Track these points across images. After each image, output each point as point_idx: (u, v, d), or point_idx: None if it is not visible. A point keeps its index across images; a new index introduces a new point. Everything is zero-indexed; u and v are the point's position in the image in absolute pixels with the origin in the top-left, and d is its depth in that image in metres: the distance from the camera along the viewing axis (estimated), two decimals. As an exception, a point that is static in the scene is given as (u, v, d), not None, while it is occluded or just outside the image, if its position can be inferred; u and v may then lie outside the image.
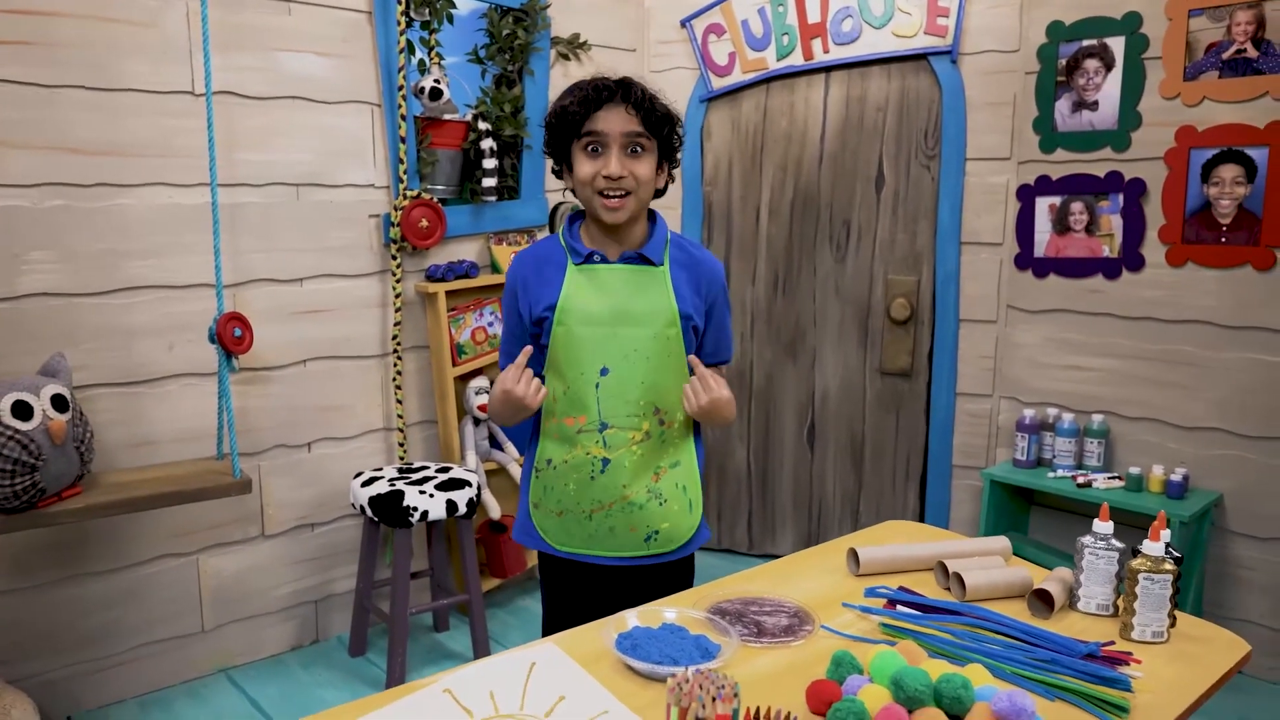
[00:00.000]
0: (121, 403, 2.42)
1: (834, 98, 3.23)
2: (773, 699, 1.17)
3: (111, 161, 2.34)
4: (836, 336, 3.35)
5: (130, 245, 2.39)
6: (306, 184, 2.66)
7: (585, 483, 1.65)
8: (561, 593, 1.76)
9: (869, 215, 3.24)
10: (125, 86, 2.33)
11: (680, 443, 1.70)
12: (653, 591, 1.63)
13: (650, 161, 1.61)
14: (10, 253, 2.23)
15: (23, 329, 2.26)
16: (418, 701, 1.13)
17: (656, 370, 1.64)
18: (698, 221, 3.42)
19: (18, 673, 2.32)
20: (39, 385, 2.03)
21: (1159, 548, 1.36)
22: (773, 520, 3.53)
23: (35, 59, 2.21)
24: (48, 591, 2.37)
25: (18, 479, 1.96)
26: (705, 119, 3.37)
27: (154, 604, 2.54)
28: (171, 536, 2.55)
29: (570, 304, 1.63)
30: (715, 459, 3.56)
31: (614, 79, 1.59)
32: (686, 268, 1.68)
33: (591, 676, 1.20)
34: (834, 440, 3.41)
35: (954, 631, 1.34)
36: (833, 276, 3.32)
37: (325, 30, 2.63)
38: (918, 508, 3.32)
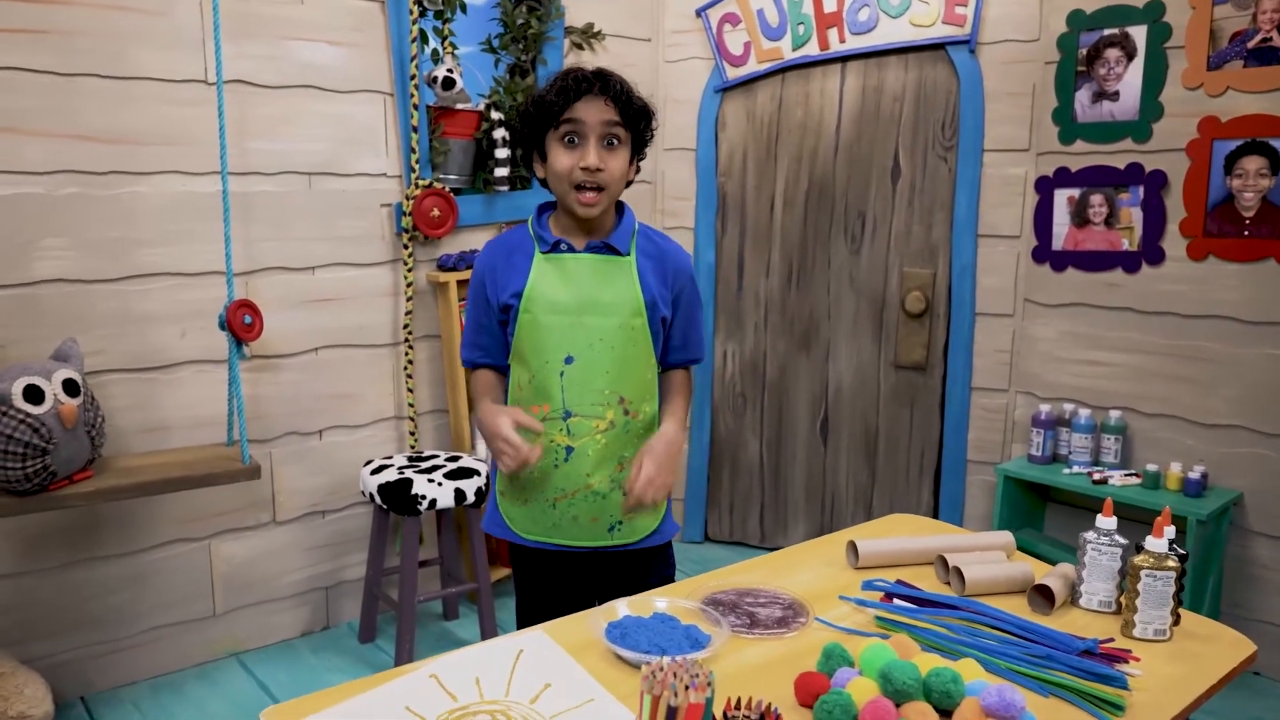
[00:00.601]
0: (134, 388, 2.45)
1: (850, 88, 3.20)
2: (762, 690, 1.16)
3: (125, 149, 2.36)
4: (851, 329, 3.32)
5: (143, 232, 2.41)
6: (319, 173, 2.67)
7: (549, 470, 1.65)
8: (532, 581, 1.76)
9: (884, 207, 3.21)
10: (139, 75, 2.35)
11: (645, 434, 1.69)
12: (625, 579, 1.63)
13: (625, 155, 1.62)
14: (25, 239, 2.25)
15: (37, 314, 2.29)
16: (404, 685, 1.13)
17: (622, 360, 1.64)
18: (711, 212, 3.41)
19: (31, 654, 2.36)
20: (50, 370, 2.06)
21: (1162, 544, 1.34)
22: (785, 513, 3.52)
23: (50, 47, 2.23)
24: (61, 574, 2.40)
25: (29, 462, 1.98)
26: (720, 109, 3.35)
27: (166, 588, 2.57)
28: (184, 521, 2.57)
29: (536, 292, 1.62)
30: (727, 450, 3.55)
31: (591, 70, 1.59)
32: (653, 258, 1.68)
33: (579, 665, 1.19)
34: (847, 434, 3.38)
35: (949, 626, 1.32)
36: (847, 268, 3.29)
37: (337, 19, 2.64)
38: (931, 503, 3.29)
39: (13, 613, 2.33)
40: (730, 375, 3.50)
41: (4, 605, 2.32)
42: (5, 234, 2.22)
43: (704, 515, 3.61)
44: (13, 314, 2.25)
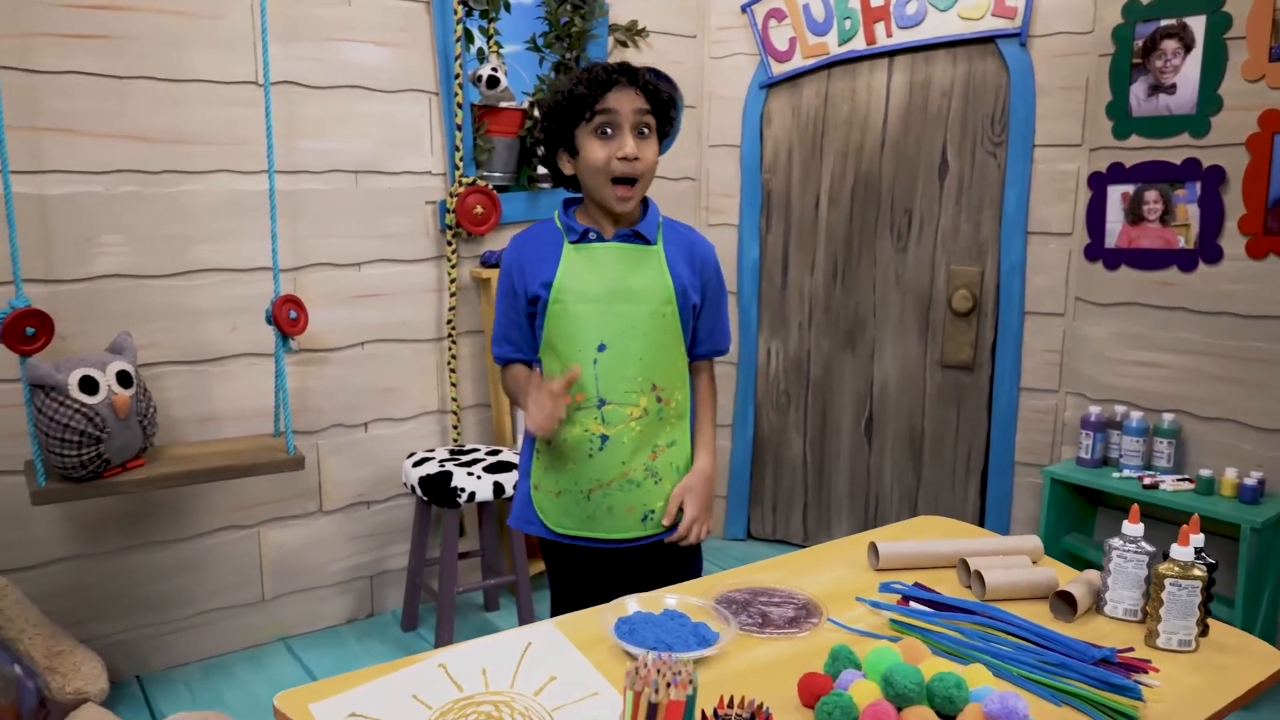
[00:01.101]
0: (188, 380, 2.54)
1: (897, 83, 3.15)
2: (767, 690, 1.17)
3: (179, 149, 2.44)
4: (896, 327, 3.28)
5: (196, 230, 2.49)
6: (365, 171, 2.73)
7: (584, 460, 1.65)
8: (566, 577, 1.78)
9: (931, 204, 3.16)
10: (192, 77, 2.43)
11: (677, 422, 1.71)
12: (657, 575, 1.63)
13: (654, 144, 1.64)
14: (84, 236, 2.35)
15: (96, 308, 2.38)
16: (413, 674, 1.16)
17: (654, 347, 1.65)
18: (756, 209, 3.39)
19: (89, 633, 2.46)
20: (105, 362, 2.15)
21: (1188, 552, 1.30)
22: (828, 513, 3.49)
23: (108, 51, 2.32)
24: (118, 558, 2.50)
25: (84, 449, 2.07)
26: (765, 105, 3.33)
27: (217, 573, 2.66)
28: (234, 509, 2.66)
29: (567, 281, 1.63)
30: (770, 448, 3.53)
31: (616, 64, 1.61)
32: (680, 247, 1.70)
33: (586, 659, 1.21)
34: (893, 433, 3.34)
35: (964, 630, 1.31)
36: (893, 266, 3.25)
37: (384, 20, 2.69)
38: (978, 505, 3.23)
39: (73, 594, 2.44)
40: (774, 373, 3.48)
41: (65, 587, 2.43)
42: (66, 231, 2.32)
43: (746, 513, 3.60)
44: (74, 308, 2.35)
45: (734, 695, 0.96)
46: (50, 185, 2.29)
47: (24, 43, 2.21)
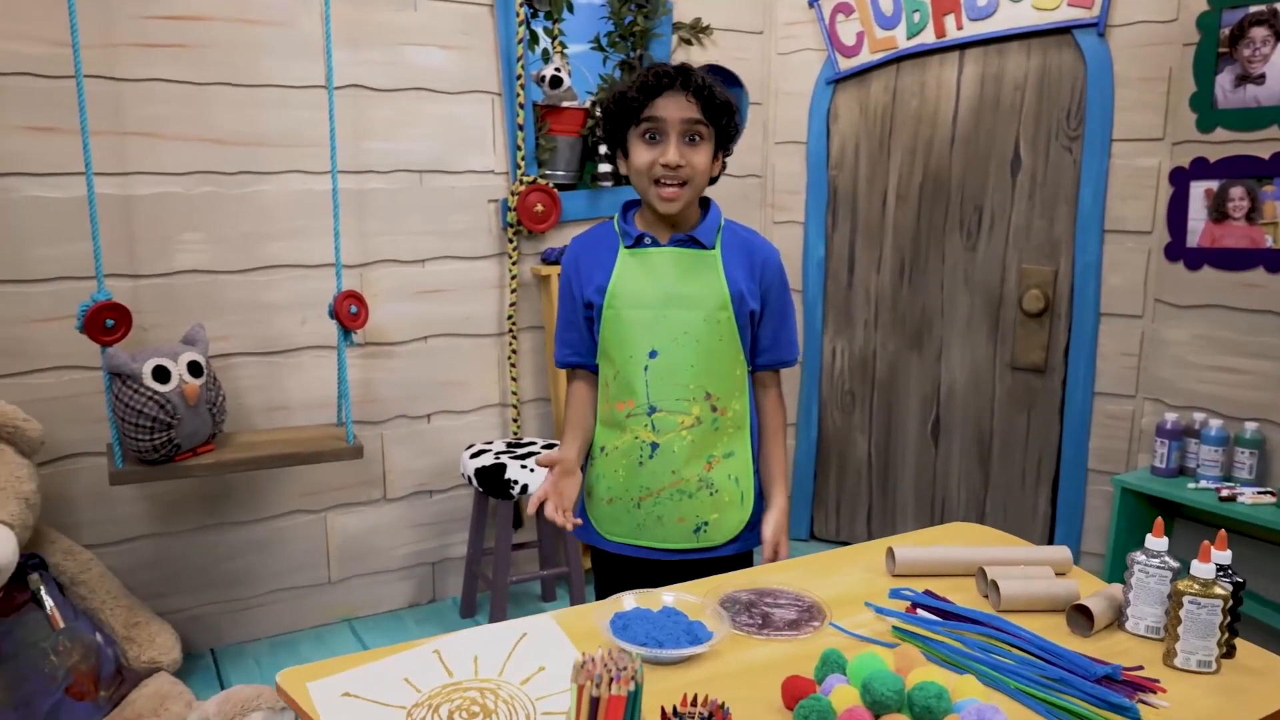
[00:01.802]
0: (260, 370, 2.67)
1: (968, 76, 3.07)
2: (753, 691, 1.17)
3: (253, 151, 2.57)
4: (965, 328, 3.19)
5: (269, 228, 2.62)
6: (429, 170, 2.82)
7: (634, 468, 1.65)
8: (613, 588, 1.72)
9: (1003, 200, 3.06)
10: (265, 82, 2.55)
11: (735, 432, 1.68)
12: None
13: (707, 150, 1.60)
14: (166, 234, 2.50)
15: (176, 301, 2.53)
16: (408, 658, 1.21)
17: (707, 354, 1.63)
18: (822, 206, 3.35)
19: (168, 606, 2.62)
20: (178, 352, 2.28)
21: (1209, 570, 1.24)
22: (893, 515, 3.43)
23: (188, 60, 2.46)
24: (195, 537, 2.66)
25: (155, 435, 2.21)
26: (832, 101, 3.29)
27: (286, 554, 2.79)
28: (303, 494, 2.79)
29: (620, 287, 1.63)
30: (835, 448, 3.49)
31: (670, 66, 1.59)
32: (739, 251, 1.66)
33: (577, 652, 1.24)
34: (960, 436, 3.26)
35: (967, 641, 1.28)
36: (962, 265, 3.17)
37: (448, 24, 2.77)
38: (1049, 512, 3.12)
39: (153, 569, 2.60)
40: (839, 372, 3.44)
41: (146, 562, 2.59)
42: (150, 229, 2.48)
43: (810, 513, 3.57)
44: (156, 301, 2.51)
45: (698, 694, 0.97)
46: (135, 186, 2.45)
47: (111, 53, 2.37)
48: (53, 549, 2.33)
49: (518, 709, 1.11)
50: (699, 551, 1.68)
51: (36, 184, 2.33)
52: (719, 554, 1.68)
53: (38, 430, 2.18)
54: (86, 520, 2.49)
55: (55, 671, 2.14)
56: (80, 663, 2.19)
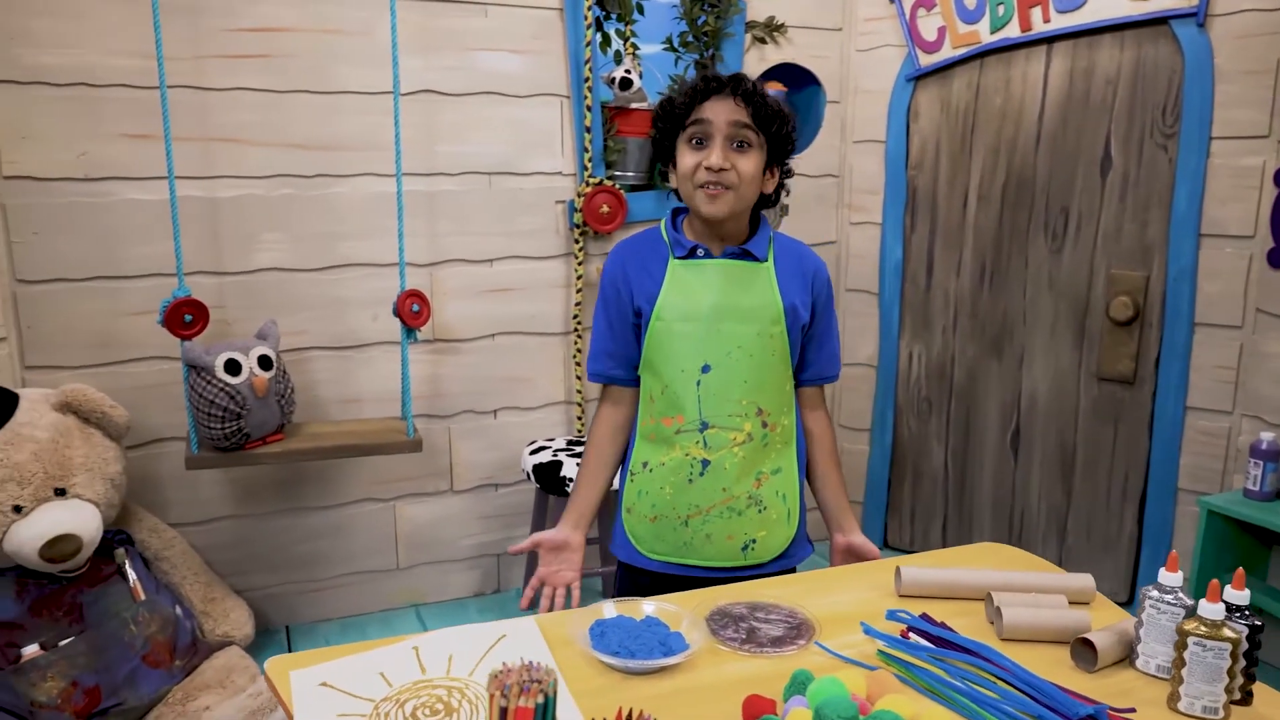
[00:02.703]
0: (333, 364, 2.80)
1: (1056, 71, 2.92)
2: (717, 707, 1.17)
3: (329, 155, 2.69)
4: (1048, 335, 3.05)
5: (343, 228, 2.74)
6: (498, 172, 2.88)
7: (683, 486, 1.61)
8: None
9: (1091, 201, 2.91)
10: (341, 89, 2.67)
11: (783, 448, 1.65)
12: None
13: (756, 159, 1.56)
14: (248, 234, 2.65)
15: (256, 298, 2.68)
16: (387, 653, 1.26)
17: (760, 369, 1.60)
18: (900, 207, 3.26)
19: (246, 584, 2.79)
20: (249, 346, 2.42)
21: (1217, 610, 1.16)
22: (969, 528, 3.31)
23: (270, 69, 2.60)
24: (272, 520, 2.81)
25: (226, 424, 2.35)
26: (912, 99, 3.19)
27: (357, 540, 2.92)
28: (374, 483, 2.91)
29: (670, 299, 1.59)
30: (910, 456, 3.39)
31: (726, 75, 1.56)
32: (791, 262, 1.64)
33: (551, 655, 1.26)
34: (1041, 448, 3.11)
35: (951, 669, 1.23)
36: (1046, 269, 3.02)
37: (518, 29, 2.83)
38: (1135, 532, 2.95)
39: (233, 549, 2.77)
40: (915, 378, 3.34)
41: (226, 542, 2.76)
42: (233, 229, 2.63)
43: (884, 521, 3.48)
44: (238, 296, 2.66)
45: (632, 709, 0.97)
46: (219, 189, 2.60)
47: (198, 64, 2.53)
48: (139, 526, 2.51)
49: (480, 709, 1.14)
50: (745, 569, 1.65)
51: (132, 187, 2.51)
52: (764, 572, 1.66)
53: (124, 416, 2.35)
54: (173, 500, 2.68)
55: (134, 640, 2.30)
56: (158, 633, 2.36)
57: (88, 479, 2.25)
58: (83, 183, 2.47)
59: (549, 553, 1.67)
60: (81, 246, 2.49)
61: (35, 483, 2.16)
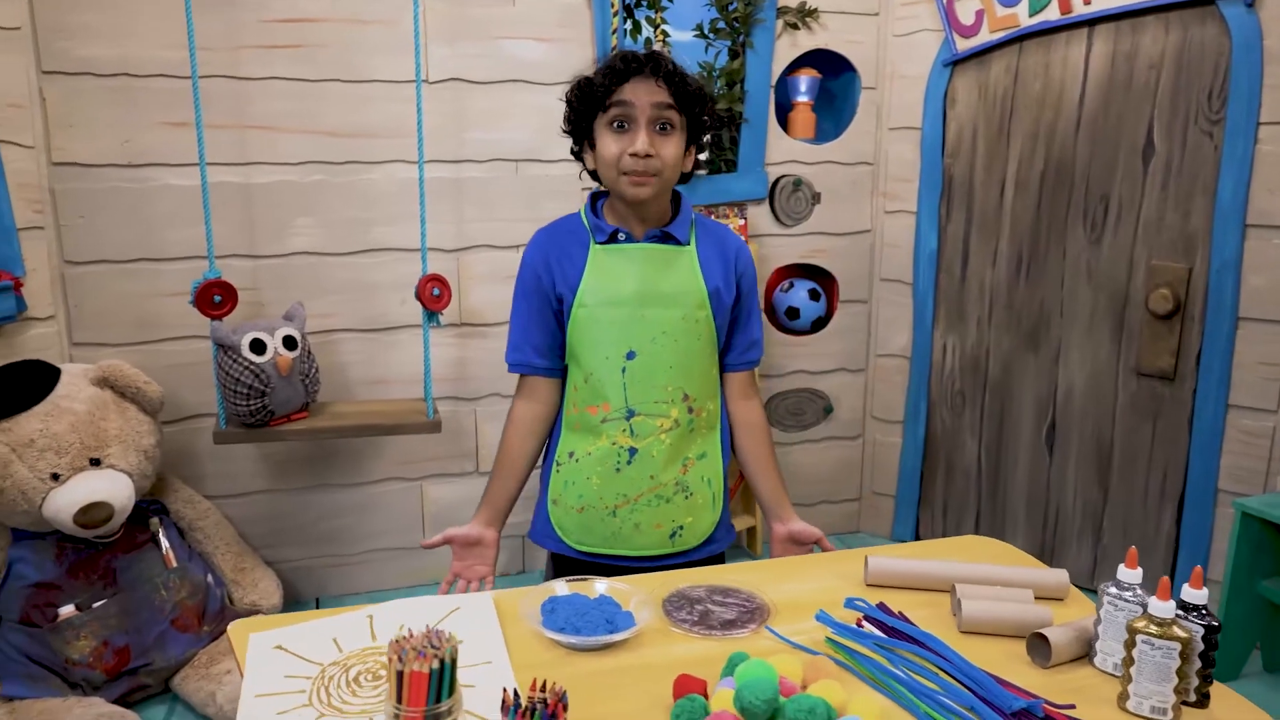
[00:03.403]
0: (363, 346, 2.88)
1: (1097, 55, 2.82)
2: (653, 685, 1.18)
3: (360, 142, 2.77)
4: (1086, 328, 2.95)
5: (373, 213, 2.81)
6: (524, 159, 2.92)
7: (610, 475, 1.60)
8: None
9: (1132, 190, 2.80)
10: (371, 78, 2.74)
11: (708, 433, 1.65)
12: None
13: (678, 141, 1.55)
14: (281, 219, 2.74)
15: (289, 280, 2.78)
16: (344, 620, 1.30)
17: (686, 354, 1.60)
18: (935, 196, 3.19)
19: (278, 556, 2.90)
20: (275, 327, 2.51)
21: (1166, 609, 1.12)
22: (1002, 524, 3.23)
23: (302, 59, 2.68)
24: (303, 495, 2.91)
25: (251, 400, 2.45)
26: (949, 84, 3.12)
27: (384, 517, 3.00)
28: (401, 463, 2.99)
29: (592, 285, 1.58)
30: (943, 449, 3.33)
31: (643, 52, 1.55)
32: (713, 246, 1.63)
33: (500, 630, 1.29)
34: (1077, 445, 3.02)
35: (895, 658, 1.22)
36: (1084, 259, 2.93)
37: (545, 16, 2.85)
38: (1173, 532, 2.85)
39: (265, 522, 2.88)
40: (949, 370, 3.27)
41: (259, 515, 2.87)
42: (267, 214, 2.73)
43: (915, 514, 3.43)
44: (271, 279, 2.76)
45: (546, 680, 0.99)
46: (254, 175, 2.70)
47: (234, 55, 2.62)
48: (175, 497, 2.63)
49: (421, 677, 1.17)
50: (673, 556, 1.66)
51: (171, 173, 2.62)
52: (691, 558, 1.67)
53: (158, 391, 2.46)
54: (209, 474, 2.79)
55: (164, 604, 2.42)
56: (187, 599, 2.48)
57: (121, 450, 2.37)
58: (125, 169, 2.59)
59: (462, 548, 1.69)
60: (124, 230, 2.61)
61: (72, 452, 2.29)
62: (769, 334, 3.27)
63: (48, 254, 2.55)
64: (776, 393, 3.33)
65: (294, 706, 1.11)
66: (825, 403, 3.38)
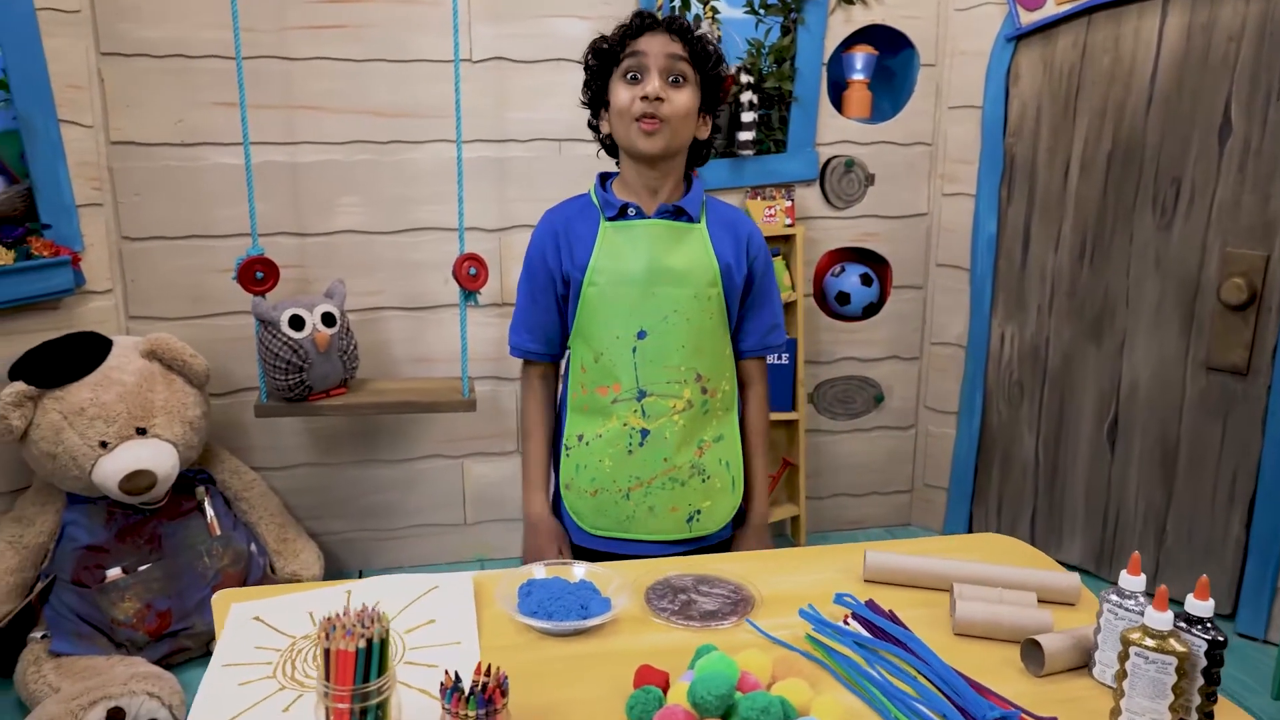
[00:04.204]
0: (407, 324, 2.92)
1: (1172, 28, 2.65)
2: (617, 673, 1.15)
3: (404, 122, 2.79)
4: (1152, 319, 2.79)
5: (417, 192, 2.84)
6: (567, 139, 2.90)
7: (622, 457, 1.58)
8: None
9: (1207, 172, 2.63)
10: (416, 58, 2.75)
11: (724, 415, 1.62)
12: None
13: (691, 94, 1.53)
14: (328, 197, 2.79)
15: (335, 258, 2.82)
16: (323, 594, 1.31)
17: (698, 333, 1.57)
18: (996, 177, 3.05)
19: (323, 528, 2.96)
20: (314, 304, 2.55)
21: (1163, 620, 1.04)
22: (1060, 523, 3.09)
23: (348, 39, 2.71)
24: (348, 469, 2.97)
25: (289, 376, 2.50)
26: (1013, 60, 2.97)
27: (426, 494, 3.04)
28: (444, 441, 3.02)
29: (602, 262, 1.57)
30: (999, 442, 3.20)
31: (659, 11, 1.55)
32: (724, 226, 1.60)
33: (474, 611, 1.28)
34: (1140, 442, 2.86)
35: (873, 659, 1.17)
36: (1153, 246, 2.76)
37: (590, -6, 2.83)
38: (1242, 538, 2.68)
39: (311, 494, 2.95)
40: (1007, 360, 3.14)
41: (304, 487, 2.94)
42: (314, 193, 2.78)
43: (969, 509, 3.31)
44: (318, 256, 2.81)
45: (494, 665, 0.98)
46: (301, 154, 2.75)
47: (282, 36, 2.67)
48: (222, 467, 2.71)
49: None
50: (691, 542, 1.63)
51: (222, 152, 2.69)
52: (709, 542, 1.63)
53: (203, 365, 2.53)
54: (256, 446, 2.87)
55: (206, 571, 2.50)
56: (229, 566, 2.55)
57: (167, 420, 2.45)
58: (179, 148, 2.67)
59: (548, 540, 1.66)
60: (177, 207, 2.69)
61: (119, 422, 2.37)
62: (817, 319, 3.19)
63: (106, 230, 2.64)
64: (824, 380, 3.25)
65: (257, 678, 1.12)
66: (876, 391, 3.29)
